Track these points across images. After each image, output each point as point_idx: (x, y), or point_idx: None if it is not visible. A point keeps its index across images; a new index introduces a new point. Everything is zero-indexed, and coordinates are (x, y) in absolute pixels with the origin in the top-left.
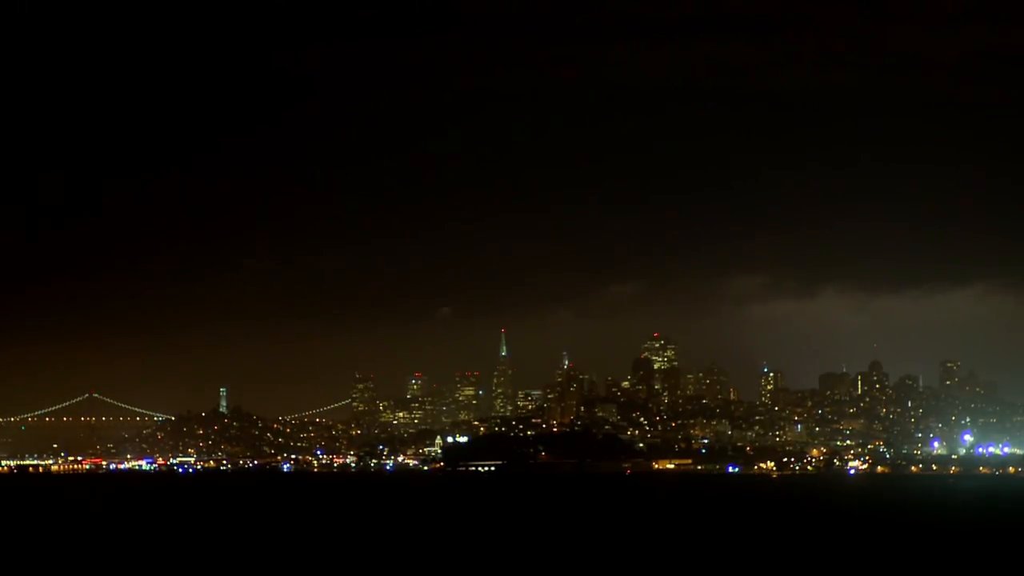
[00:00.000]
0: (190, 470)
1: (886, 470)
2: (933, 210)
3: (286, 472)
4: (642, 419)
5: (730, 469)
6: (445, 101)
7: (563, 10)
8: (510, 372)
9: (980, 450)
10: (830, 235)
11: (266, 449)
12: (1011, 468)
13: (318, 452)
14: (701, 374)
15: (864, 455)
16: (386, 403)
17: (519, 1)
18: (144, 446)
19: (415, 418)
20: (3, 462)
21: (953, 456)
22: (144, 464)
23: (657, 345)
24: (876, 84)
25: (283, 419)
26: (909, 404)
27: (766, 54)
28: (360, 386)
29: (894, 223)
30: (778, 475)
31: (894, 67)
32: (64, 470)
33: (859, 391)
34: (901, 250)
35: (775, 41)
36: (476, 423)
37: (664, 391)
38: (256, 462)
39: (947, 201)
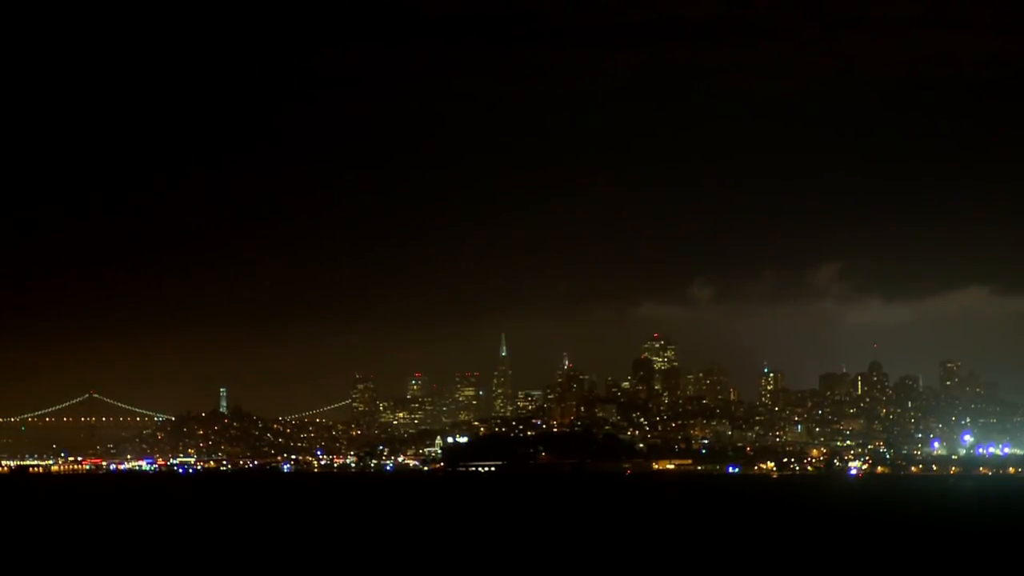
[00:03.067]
0: (190, 471)
1: (886, 470)
2: (929, 211)
3: (286, 472)
4: (642, 419)
5: (730, 469)
6: (440, 104)
7: (514, 17)
8: (510, 372)
9: (980, 450)
10: (828, 235)
11: (266, 449)
12: (1011, 468)
13: (318, 452)
14: (701, 374)
15: (864, 455)
16: (386, 403)
17: (471, 7)
18: (144, 446)
19: (415, 418)
20: (3, 462)
21: (953, 456)
22: (144, 464)
23: (657, 345)
24: (825, 88)
25: (283, 419)
26: (909, 404)
27: (716, 59)
28: (360, 386)
29: (891, 224)
30: (778, 475)
31: (843, 71)
32: (64, 470)
33: (859, 391)
34: (900, 251)
35: (724, 46)
36: (476, 423)
37: (664, 391)
38: (256, 462)
39: (942, 202)
